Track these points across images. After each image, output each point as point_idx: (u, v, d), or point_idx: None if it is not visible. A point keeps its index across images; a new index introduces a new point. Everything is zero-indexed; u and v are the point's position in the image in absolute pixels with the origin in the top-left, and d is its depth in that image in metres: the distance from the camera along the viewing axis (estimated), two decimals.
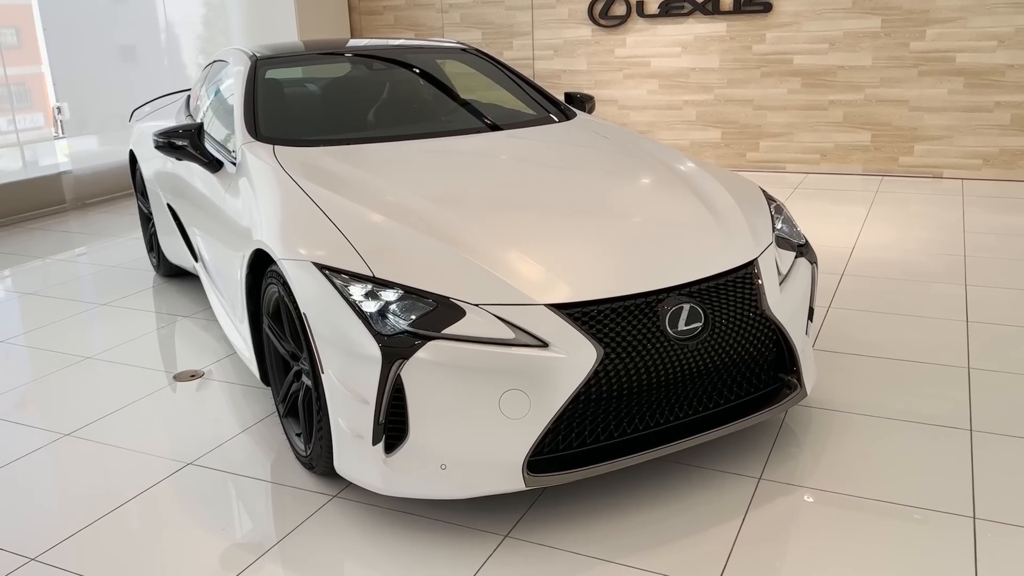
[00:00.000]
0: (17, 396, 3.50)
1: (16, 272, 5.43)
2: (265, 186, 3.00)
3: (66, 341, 4.08)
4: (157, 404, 3.35)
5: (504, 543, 2.37)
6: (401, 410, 2.30)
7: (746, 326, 2.56)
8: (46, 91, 7.69)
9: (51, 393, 3.51)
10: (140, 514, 2.59)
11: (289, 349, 2.76)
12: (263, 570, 2.30)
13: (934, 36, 6.97)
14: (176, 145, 3.42)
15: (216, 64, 4.36)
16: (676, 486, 2.62)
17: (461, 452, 2.30)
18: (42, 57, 7.52)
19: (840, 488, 2.59)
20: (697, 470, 2.71)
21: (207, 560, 2.35)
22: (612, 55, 8.14)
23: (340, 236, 2.55)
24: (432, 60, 4.31)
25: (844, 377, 3.35)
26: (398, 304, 2.34)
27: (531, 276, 2.41)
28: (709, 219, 2.79)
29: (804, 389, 2.75)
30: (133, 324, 4.28)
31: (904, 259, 4.94)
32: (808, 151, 7.63)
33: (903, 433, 2.91)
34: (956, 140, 7.11)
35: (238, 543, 2.43)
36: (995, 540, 2.32)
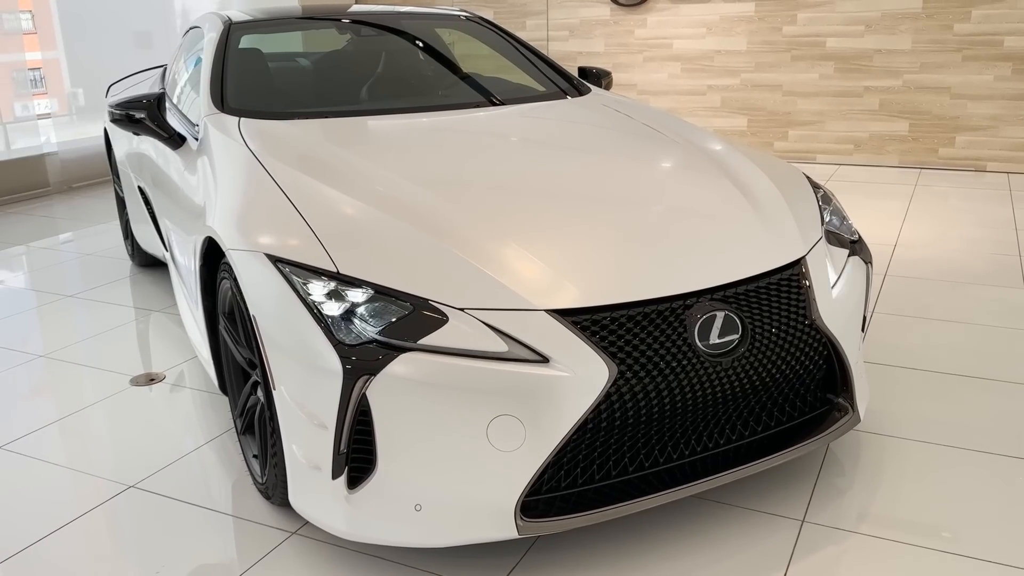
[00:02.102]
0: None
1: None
2: (223, 163, 2.57)
3: (19, 337, 3.68)
4: (106, 413, 2.94)
5: (523, 560, 1.95)
6: (368, 437, 1.87)
7: (792, 339, 2.11)
8: (62, 76, 7.50)
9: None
10: (62, 550, 2.17)
11: (246, 356, 2.33)
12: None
13: (980, 18, 6.45)
14: (134, 118, 3.00)
15: (192, 32, 3.93)
16: (705, 530, 2.17)
17: (440, 491, 1.86)
18: (58, 43, 7.42)
19: (897, 535, 2.14)
20: (730, 510, 2.26)
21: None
22: (632, 36, 7.66)
23: (302, 222, 2.12)
24: (430, 28, 3.86)
25: (895, 395, 2.89)
26: (366, 307, 1.90)
27: (531, 275, 1.97)
28: (747, 209, 2.34)
29: (857, 414, 2.29)
30: (97, 319, 3.87)
31: (952, 259, 4.46)
32: (841, 141, 7.14)
33: (967, 465, 2.45)
34: (1001, 131, 6.59)
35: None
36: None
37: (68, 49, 7.36)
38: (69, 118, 7.43)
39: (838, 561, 2.07)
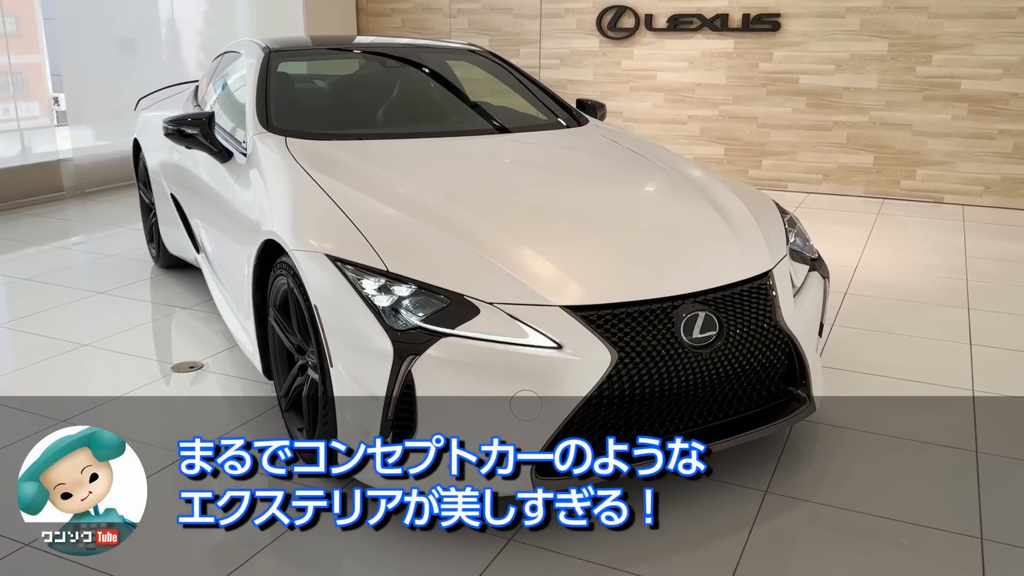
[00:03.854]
0: None
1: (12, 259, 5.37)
2: (277, 177, 2.97)
3: (61, 328, 4.03)
4: (155, 395, 3.30)
5: (508, 546, 2.34)
6: (410, 407, 2.27)
7: (759, 337, 2.54)
8: (44, 80, 7.63)
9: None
10: None
11: (295, 342, 2.72)
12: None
13: (940, 62, 7.00)
14: (186, 133, 3.38)
15: (227, 55, 4.33)
16: (680, 496, 2.58)
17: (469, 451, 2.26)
18: (41, 46, 7.42)
19: (846, 504, 2.56)
20: (704, 481, 2.67)
21: None
22: (619, 67, 8.15)
23: (354, 229, 2.52)
24: (442, 60, 4.29)
25: (849, 395, 3.33)
26: (411, 299, 2.31)
27: (546, 277, 2.38)
28: (724, 228, 2.78)
29: (813, 403, 2.72)
30: (130, 313, 4.23)
31: (906, 281, 4.93)
32: (810, 171, 7.65)
33: (908, 452, 2.89)
34: (958, 166, 7.13)
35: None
36: (1003, 561, 2.30)
37: (52, 54, 7.29)
38: (50, 122, 7.44)
39: (795, 525, 2.49)
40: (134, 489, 2.18)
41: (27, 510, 2.11)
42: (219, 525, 2.17)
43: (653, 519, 2.19)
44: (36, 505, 2.12)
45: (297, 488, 2.24)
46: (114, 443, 2.18)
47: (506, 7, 8.50)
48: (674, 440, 2.26)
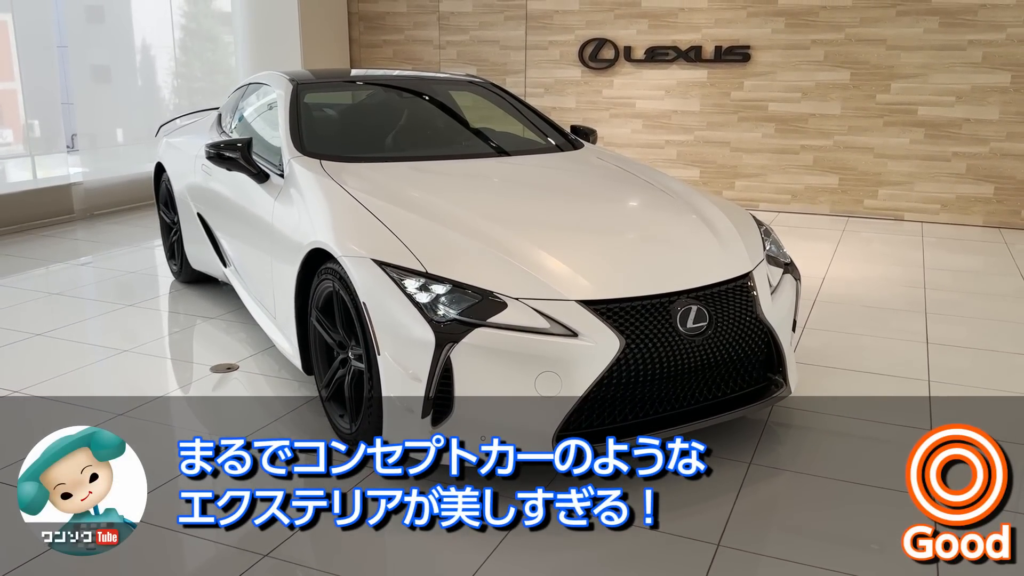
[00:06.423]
0: None
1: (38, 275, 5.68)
2: (317, 194, 3.36)
3: (99, 336, 4.35)
4: (198, 392, 3.65)
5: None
6: (448, 387, 2.65)
7: (743, 328, 2.96)
8: (17, 107, 7.49)
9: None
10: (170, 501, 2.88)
11: (337, 339, 3.10)
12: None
13: (898, 90, 7.55)
14: (227, 156, 3.76)
15: (251, 86, 4.72)
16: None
17: (499, 424, 2.65)
18: (14, 74, 7.32)
19: (818, 472, 2.99)
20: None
21: None
22: (600, 95, 8.64)
23: (393, 237, 2.92)
24: (447, 91, 4.71)
25: (821, 385, 3.77)
26: (447, 296, 2.70)
27: (562, 276, 2.79)
28: (711, 237, 3.21)
29: (789, 387, 3.15)
30: (159, 323, 4.57)
31: (870, 291, 5.40)
32: (780, 192, 8.16)
33: (870, 430, 3.32)
34: (917, 186, 7.67)
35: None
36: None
37: (26, 80, 7.23)
38: (26, 150, 7.37)
39: (776, 489, 2.90)
40: (134, 489, 2.20)
41: (27, 510, 2.13)
42: (219, 525, 2.23)
43: (653, 519, 2.32)
44: (36, 505, 2.12)
45: (297, 488, 2.33)
46: (114, 443, 2.21)
47: (493, 39, 8.98)
48: (674, 440, 2.44)
